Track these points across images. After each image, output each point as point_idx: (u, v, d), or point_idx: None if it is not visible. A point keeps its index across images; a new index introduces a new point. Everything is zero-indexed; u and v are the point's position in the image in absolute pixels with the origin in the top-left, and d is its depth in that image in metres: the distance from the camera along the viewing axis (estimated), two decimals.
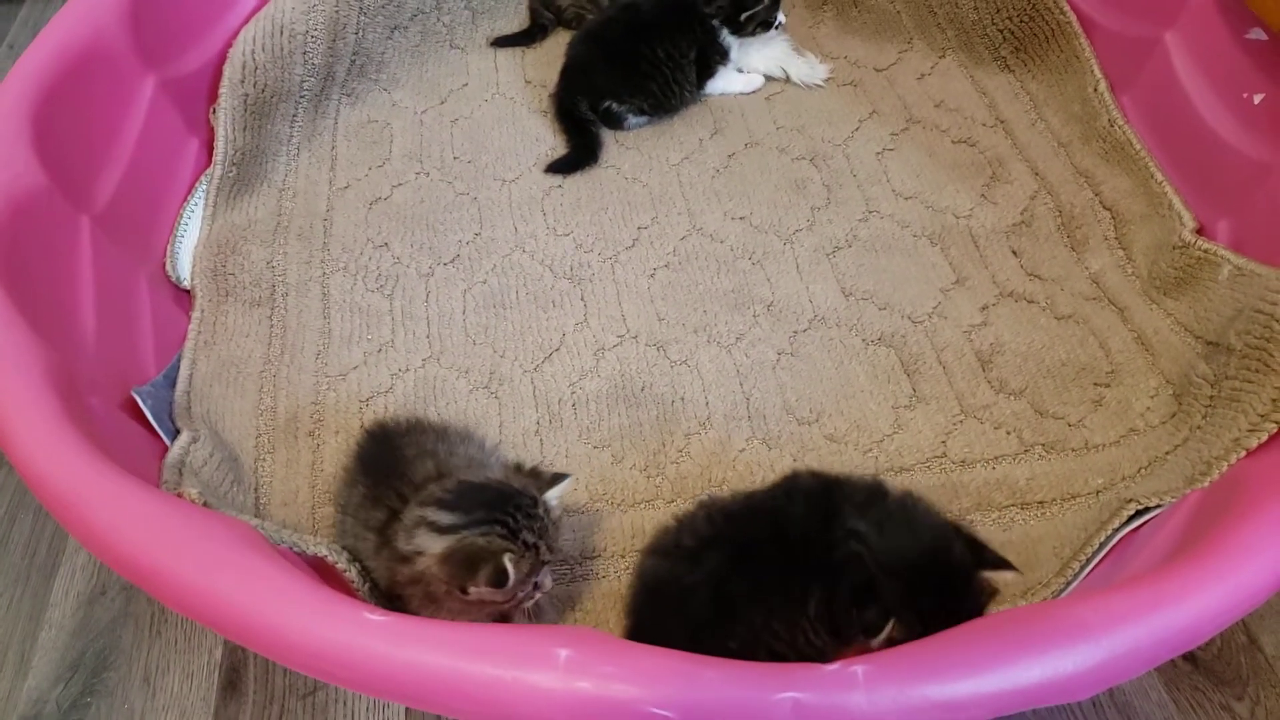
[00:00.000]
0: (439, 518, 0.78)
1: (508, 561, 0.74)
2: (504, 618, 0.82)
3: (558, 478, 0.84)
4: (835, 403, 1.08)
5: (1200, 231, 1.14)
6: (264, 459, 1.06)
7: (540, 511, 0.80)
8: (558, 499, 0.83)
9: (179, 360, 1.12)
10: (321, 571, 0.87)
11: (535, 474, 0.85)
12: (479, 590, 0.76)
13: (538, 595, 0.81)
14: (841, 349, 1.13)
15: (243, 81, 1.31)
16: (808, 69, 1.46)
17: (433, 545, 0.77)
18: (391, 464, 0.86)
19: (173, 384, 1.09)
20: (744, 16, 1.39)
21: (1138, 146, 1.24)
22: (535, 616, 0.84)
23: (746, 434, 1.06)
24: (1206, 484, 0.88)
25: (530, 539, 0.78)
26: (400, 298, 1.21)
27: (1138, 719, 0.92)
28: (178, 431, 1.00)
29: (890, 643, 0.72)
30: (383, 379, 1.13)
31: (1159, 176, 1.20)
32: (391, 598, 0.82)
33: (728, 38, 1.41)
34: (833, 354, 1.13)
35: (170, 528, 0.72)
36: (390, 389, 1.12)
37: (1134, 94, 1.30)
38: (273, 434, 1.08)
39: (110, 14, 1.18)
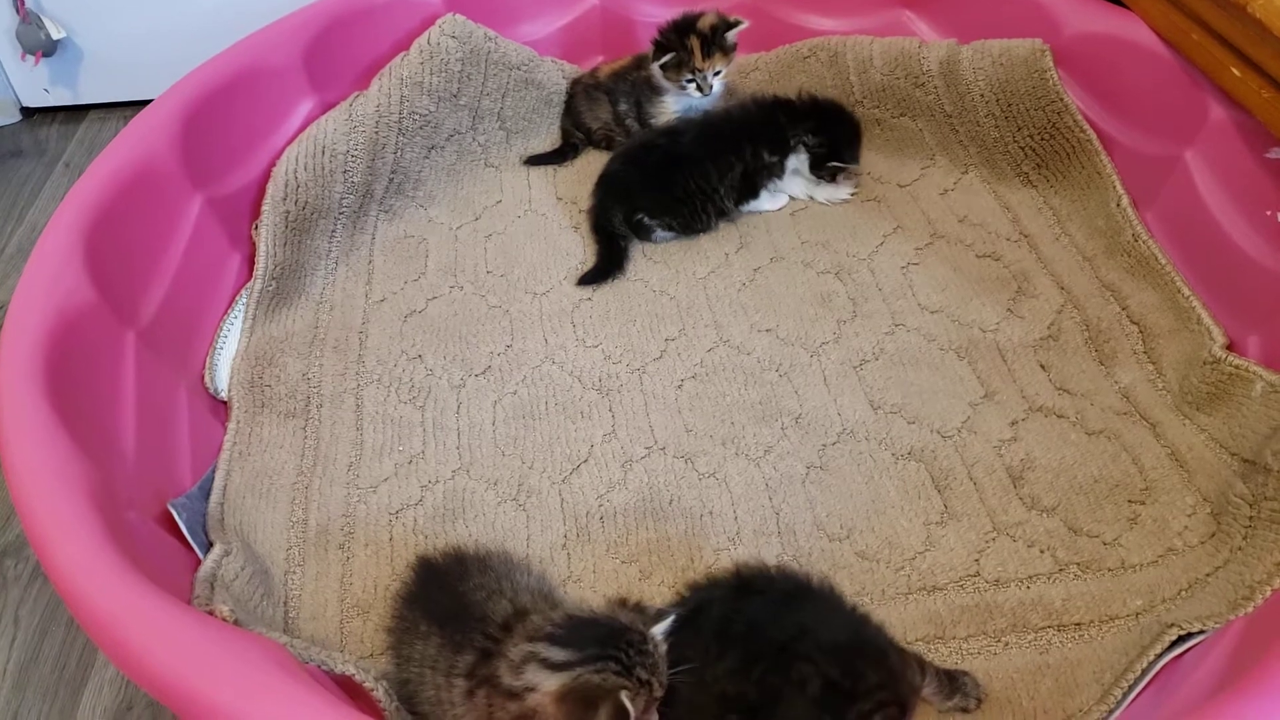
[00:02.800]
0: (551, 654, 0.76)
1: (626, 700, 0.73)
2: None
3: (661, 614, 0.82)
4: (866, 519, 1.07)
5: (1230, 347, 1.14)
6: (294, 572, 1.06)
7: (651, 648, 0.78)
8: (663, 635, 0.81)
9: (214, 471, 1.13)
10: (349, 690, 0.87)
11: (639, 609, 0.84)
12: None
13: None
14: (871, 463, 1.13)
15: (285, 199, 1.36)
16: (832, 191, 1.49)
17: (546, 682, 0.75)
18: (463, 610, 0.85)
19: (207, 495, 1.10)
20: (831, 164, 1.46)
21: (1163, 261, 1.25)
22: None
23: (777, 550, 1.05)
24: (1250, 609, 0.86)
25: (644, 675, 0.76)
26: (432, 409, 1.23)
27: None
28: (211, 544, 1.01)
29: None
30: (413, 491, 1.14)
31: (1186, 291, 1.21)
32: None
33: (793, 163, 1.46)
34: (862, 468, 1.12)
35: (200, 649, 0.72)
36: (420, 501, 1.13)
37: (1157, 209, 1.32)
38: (303, 547, 1.08)
39: (164, 138, 1.24)
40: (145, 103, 1.29)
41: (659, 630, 0.80)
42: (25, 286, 1.02)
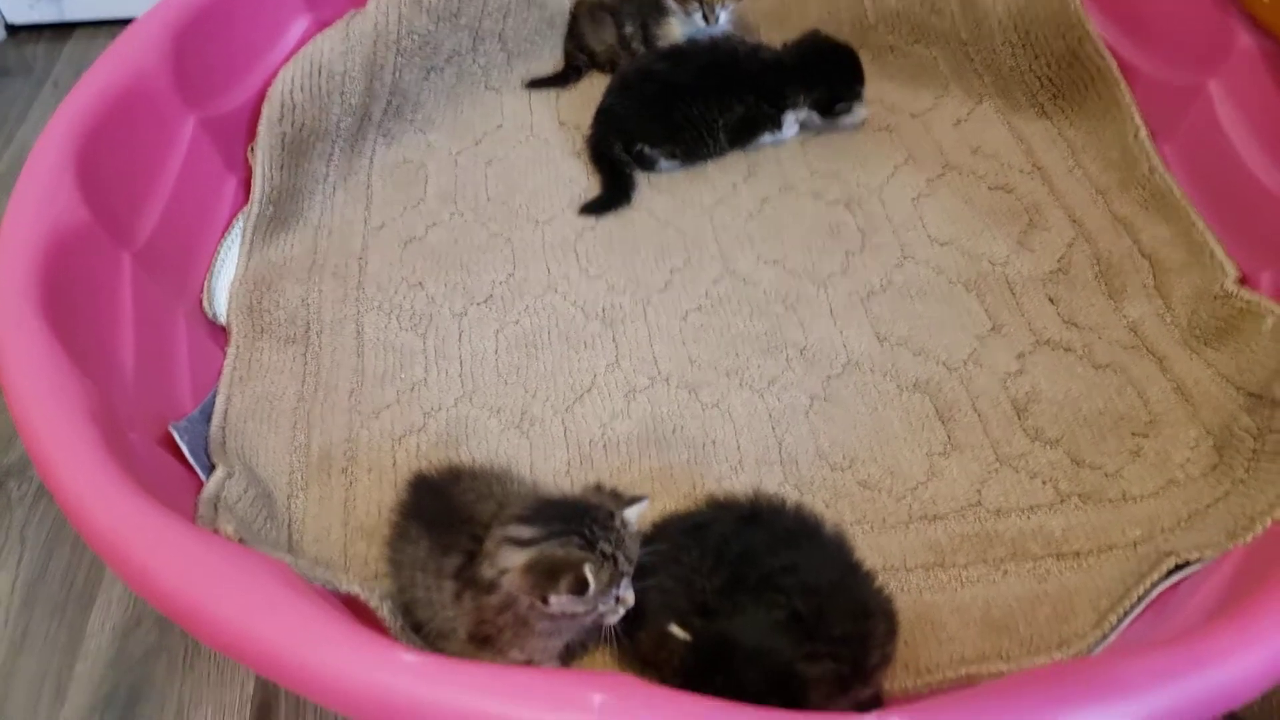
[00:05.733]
0: (519, 532, 0.79)
1: (588, 571, 0.75)
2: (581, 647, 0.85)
3: (635, 499, 0.84)
4: (869, 449, 1.07)
5: (1243, 282, 1.13)
6: (297, 495, 1.06)
7: (617, 524, 0.80)
8: (635, 519, 0.83)
9: (214, 396, 1.13)
10: (354, 609, 0.87)
11: (615, 495, 0.86)
12: (560, 600, 0.76)
13: (621, 611, 0.81)
14: (875, 395, 1.12)
15: (280, 120, 1.33)
16: (849, 119, 1.46)
17: (515, 559, 0.78)
18: (451, 512, 0.87)
19: (208, 419, 1.10)
20: (837, 106, 1.42)
21: (1178, 195, 1.23)
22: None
23: (779, 479, 1.05)
24: (1249, 540, 0.86)
25: (608, 549, 0.78)
26: (433, 337, 1.22)
27: None
28: (213, 467, 1.01)
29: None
30: (415, 418, 1.13)
31: (1200, 225, 1.19)
32: (480, 642, 0.83)
33: (792, 116, 1.43)
34: (866, 400, 1.12)
35: (207, 565, 0.72)
36: (423, 427, 1.12)
37: (1175, 142, 1.29)
38: (306, 471, 1.08)
39: (153, 55, 1.21)
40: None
41: (631, 513, 0.82)
42: (17, 205, 1.00)
